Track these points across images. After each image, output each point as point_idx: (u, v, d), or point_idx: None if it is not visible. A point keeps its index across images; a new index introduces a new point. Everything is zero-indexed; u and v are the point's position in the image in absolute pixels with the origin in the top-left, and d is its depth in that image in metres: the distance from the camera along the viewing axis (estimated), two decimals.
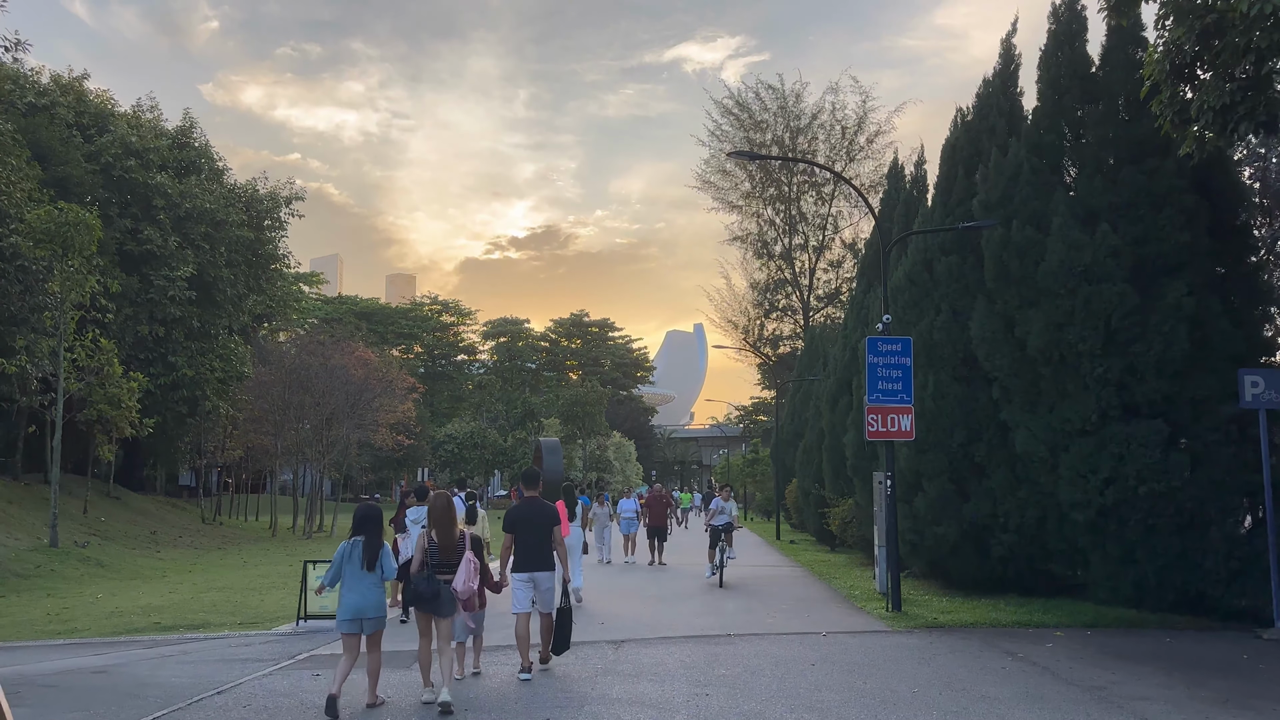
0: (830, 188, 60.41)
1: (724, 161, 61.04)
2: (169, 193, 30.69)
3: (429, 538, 8.27)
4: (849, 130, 59.76)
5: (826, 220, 60.73)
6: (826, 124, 60.11)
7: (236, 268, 33.59)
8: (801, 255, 61.30)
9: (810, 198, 61.24)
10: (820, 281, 61.43)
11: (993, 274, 14.79)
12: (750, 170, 61.06)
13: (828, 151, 60.61)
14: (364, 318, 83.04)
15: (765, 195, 61.32)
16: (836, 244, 61.05)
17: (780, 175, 60.80)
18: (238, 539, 30.59)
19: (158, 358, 31.53)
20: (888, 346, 14.03)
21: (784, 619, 13.15)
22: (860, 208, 60.96)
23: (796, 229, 61.28)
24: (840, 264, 61.27)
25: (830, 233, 60.80)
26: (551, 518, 9.36)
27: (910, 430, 13.90)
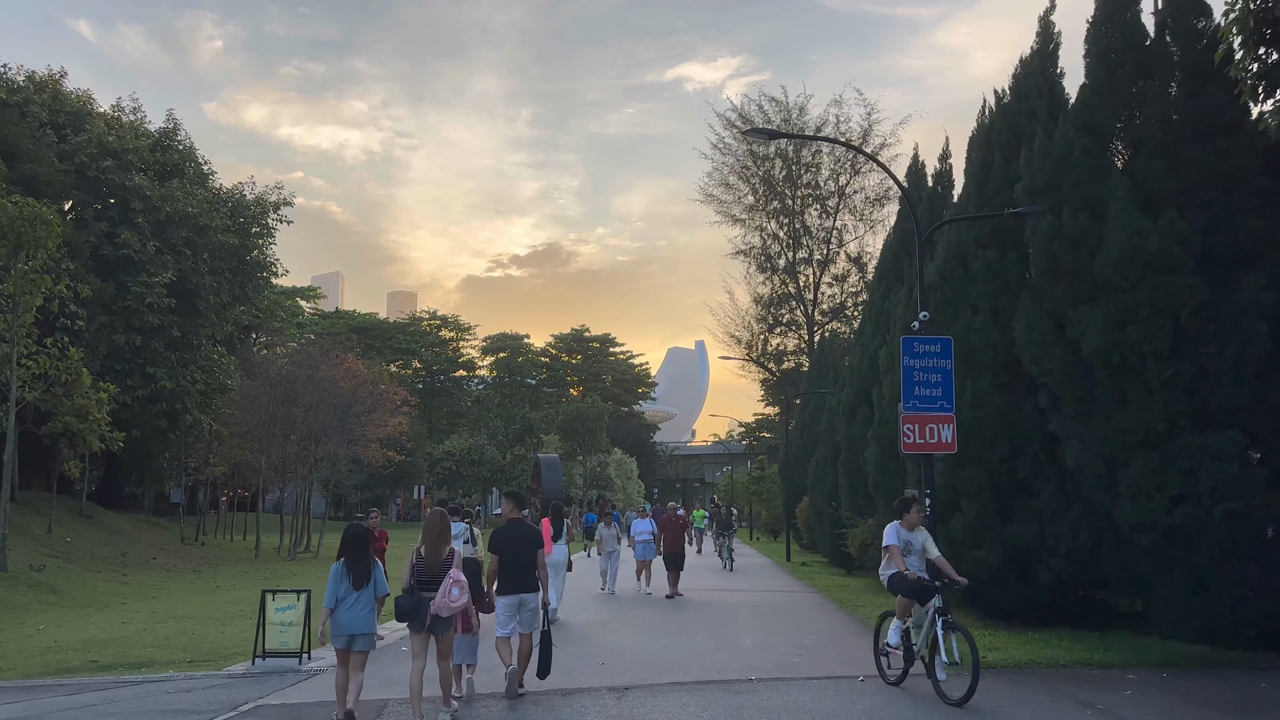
0: (835, 201, 59.21)
1: (727, 175, 59.88)
2: (148, 195, 29.20)
3: (417, 554, 8.42)
4: (854, 143, 58.61)
5: (831, 234, 59.44)
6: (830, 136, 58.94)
7: (220, 275, 32.05)
8: (805, 269, 60.04)
9: (814, 211, 59.98)
10: (825, 296, 60.02)
11: (1041, 267, 13.23)
12: (753, 183, 59.78)
13: (832, 164, 59.41)
14: (361, 332, 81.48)
15: (769, 208, 60.05)
16: (841, 258, 59.87)
17: (784, 188, 59.53)
18: (217, 560, 28.95)
19: (135, 369, 29.95)
20: (925, 347, 12.46)
21: (811, 658, 11.53)
22: (865, 220, 59.96)
23: (800, 242, 60.02)
24: (845, 278, 59.98)
25: (835, 246, 59.57)
26: (535, 539, 9.28)
27: (952, 442, 12.32)
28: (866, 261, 59.33)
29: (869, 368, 22.35)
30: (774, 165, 59.78)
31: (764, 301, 59.64)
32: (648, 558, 19.99)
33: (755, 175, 59.69)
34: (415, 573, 8.37)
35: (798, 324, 60.61)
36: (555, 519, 16.19)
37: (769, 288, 59.44)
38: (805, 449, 35.60)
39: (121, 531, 29.18)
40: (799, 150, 59.41)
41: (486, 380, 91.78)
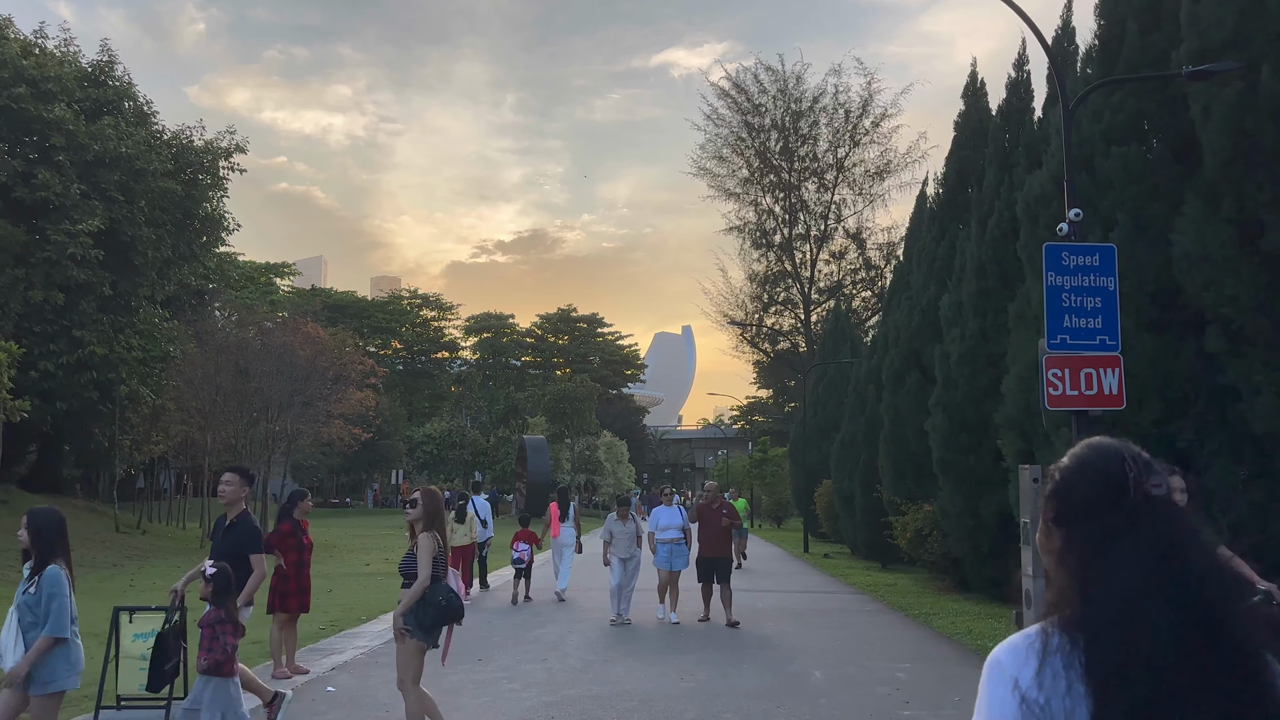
0: (833, 174, 55.80)
1: (720, 148, 56.29)
2: (71, 130, 25.19)
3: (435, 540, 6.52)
4: (853, 114, 55.07)
5: (829, 208, 56.14)
6: (829, 107, 55.47)
7: (161, 227, 28.02)
8: (802, 246, 56.74)
9: (812, 185, 56.65)
10: (821, 274, 56.83)
11: (1223, 154, 9.52)
12: (748, 156, 56.37)
13: (830, 136, 56.04)
14: (339, 310, 77.31)
15: (765, 182, 56.61)
16: (839, 234, 56.59)
17: (781, 161, 56.12)
18: (152, 552, 25.10)
19: (60, 331, 25.97)
20: (1078, 259, 8.73)
21: (925, 707, 7.84)
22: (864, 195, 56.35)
23: (797, 218, 56.74)
24: (843, 255, 56.73)
25: (833, 222, 56.30)
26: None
27: (1119, 393, 8.61)
28: (865, 238, 56.11)
29: (921, 325, 18.67)
30: (770, 137, 56.30)
31: (759, 279, 56.41)
32: (676, 568, 13.17)
33: (750, 148, 56.24)
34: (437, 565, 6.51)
35: (793, 302, 57.34)
36: (561, 501, 16.51)
37: (764, 265, 56.26)
38: (821, 428, 31.98)
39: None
40: (796, 122, 55.95)
41: (470, 362, 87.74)
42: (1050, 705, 1.43)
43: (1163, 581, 1.44)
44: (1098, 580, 1.47)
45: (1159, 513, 1.50)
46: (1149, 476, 1.53)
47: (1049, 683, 1.44)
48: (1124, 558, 1.46)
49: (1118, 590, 1.44)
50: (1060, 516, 1.56)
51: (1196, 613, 1.42)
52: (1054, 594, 1.53)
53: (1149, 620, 1.40)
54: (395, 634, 6.51)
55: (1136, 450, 1.57)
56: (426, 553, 6.42)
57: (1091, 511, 1.52)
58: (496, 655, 10.38)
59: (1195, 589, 1.43)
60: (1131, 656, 1.39)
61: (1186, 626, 1.41)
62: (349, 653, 10.58)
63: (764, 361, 65.56)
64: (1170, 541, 1.47)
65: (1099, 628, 1.43)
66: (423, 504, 6.59)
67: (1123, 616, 1.42)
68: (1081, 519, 1.53)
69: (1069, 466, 1.59)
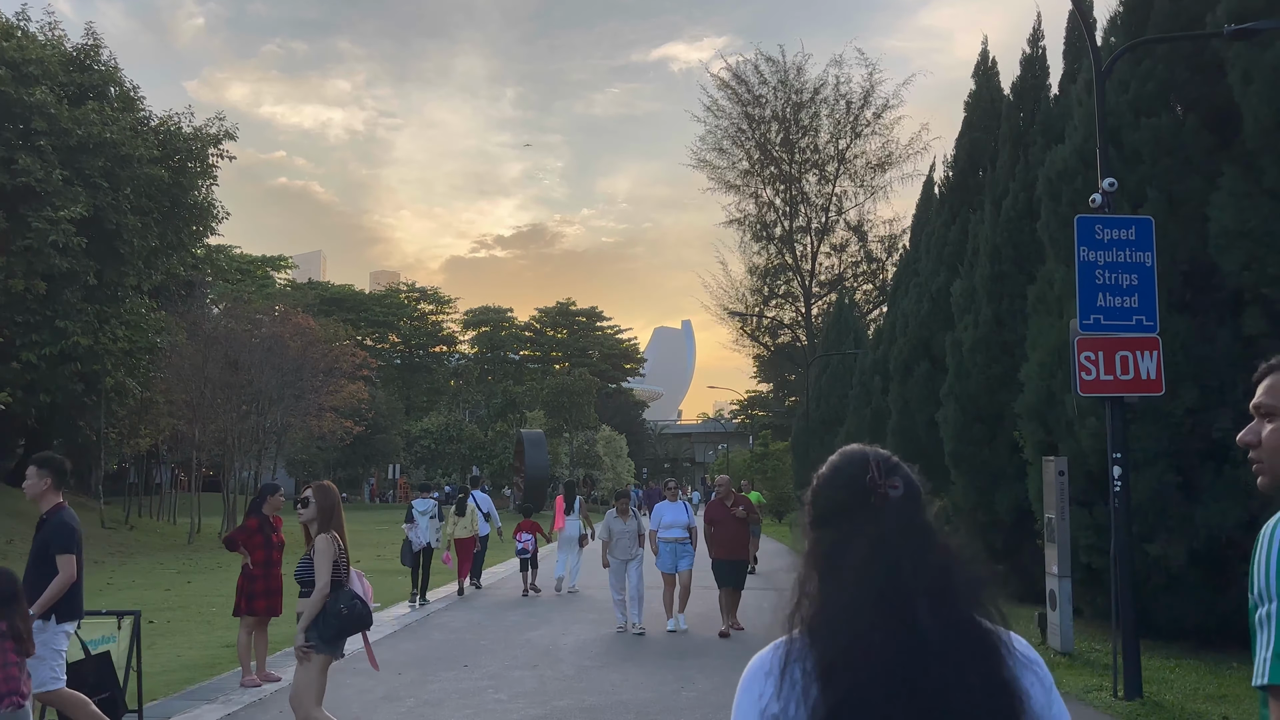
0: (834, 166, 55.16)
1: (720, 139, 55.64)
2: (53, 114, 24.47)
3: (337, 543, 5.89)
4: (854, 104, 54.42)
5: (830, 200, 55.53)
6: (830, 98, 54.84)
7: (148, 215, 27.30)
8: (803, 238, 56.14)
9: (812, 177, 56.04)
10: (822, 267, 56.25)
11: (1266, 123, 8.84)
12: (749, 148, 55.72)
13: (831, 128, 55.40)
14: (336, 304, 76.58)
15: (765, 174, 55.99)
16: (840, 226, 56.01)
17: (781, 153, 55.47)
18: (137, 549, 24.45)
19: (43, 321, 25.26)
20: (1112, 232, 8.04)
21: None
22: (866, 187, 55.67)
23: (798, 210, 56.13)
24: (844, 247, 56.14)
25: (834, 214, 55.71)
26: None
27: (1157, 378, 7.94)
28: (867, 230, 55.45)
29: (931, 312, 17.99)
30: (770, 129, 55.63)
31: (759, 272, 55.83)
32: (680, 569, 11.85)
33: (750, 140, 55.59)
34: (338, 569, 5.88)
35: (794, 296, 56.75)
36: (568, 495, 16.60)
37: (764, 258, 55.68)
38: (824, 420, 31.34)
39: (26, 514, 24.61)
40: (797, 113, 55.28)
41: (468, 356, 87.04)
42: (788, 711, 1.46)
43: (877, 579, 1.47)
44: (831, 579, 1.51)
45: (889, 511, 1.55)
46: (888, 478, 1.59)
47: (787, 690, 1.48)
48: (853, 556, 1.50)
49: (843, 588, 1.48)
50: (813, 521, 1.61)
51: (907, 608, 1.45)
52: (798, 593, 1.56)
53: (866, 615, 1.44)
54: (296, 652, 5.77)
55: (885, 455, 1.64)
56: (324, 557, 5.74)
57: (838, 515, 1.57)
58: (484, 661, 9.71)
59: (911, 582, 1.46)
60: (848, 650, 1.43)
61: (899, 618, 1.44)
62: None
63: (764, 355, 64.98)
64: (892, 538, 1.50)
65: (825, 626, 1.47)
66: (315, 502, 5.92)
67: (844, 612, 1.47)
68: (829, 523, 1.58)
69: (824, 474, 1.65)
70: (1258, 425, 1.82)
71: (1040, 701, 1.49)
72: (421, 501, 14.79)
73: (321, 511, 5.86)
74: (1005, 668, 1.46)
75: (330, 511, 5.87)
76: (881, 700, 1.39)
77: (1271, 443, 1.78)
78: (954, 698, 1.40)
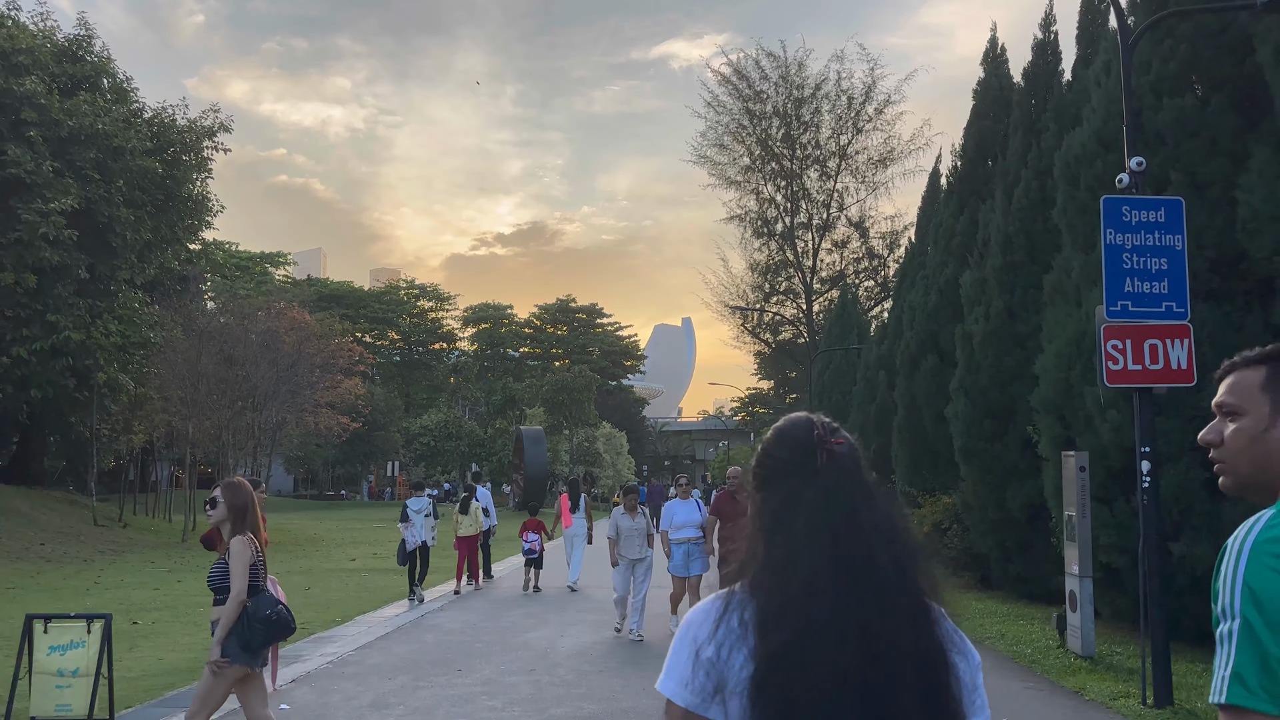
0: (835, 162, 54.74)
1: (721, 135, 55.17)
2: (43, 105, 24.02)
3: (253, 545, 5.39)
4: (856, 100, 53.92)
5: (831, 196, 55.13)
6: (831, 94, 54.35)
7: (141, 208, 26.85)
8: (804, 235, 55.76)
9: (814, 173, 55.58)
10: (824, 264, 55.81)
11: None
12: (750, 144, 55.30)
13: (833, 123, 54.96)
14: (335, 300, 76.14)
15: (766, 170, 55.50)
16: (841, 222, 55.62)
17: (782, 149, 55.05)
18: (130, 546, 24.01)
19: (34, 316, 24.83)
20: (1141, 213, 7.62)
21: None
22: (867, 183, 55.23)
23: (799, 206, 55.75)
24: (846, 244, 55.74)
25: (835, 210, 55.32)
26: None
27: (1189, 368, 7.52)
28: (869, 226, 55.01)
29: (939, 305, 17.58)
30: (771, 124, 55.19)
31: (760, 268, 55.45)
32: (693, 572, 10.90)
33: (751, 135, 55.16)
34: (255, 573, 5.42)
35: (795, 292, 56.35)
36: (573, 492, 16.85)
37: (765, 254, 55.30)
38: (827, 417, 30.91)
39: (16, 512, 24.22)
40: (798, 108, 54.87)
41: (467, 353, 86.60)
42: (720, 656, 1.48)
43: (825, 529, 1.50)
44: (776, 534, 1.53)
45: (835, 467, 1.55)
46: (832, 435, 1.59)
47: (722, 636, 1.49)
48: (798, 511, 1.52)
49: (788, 541, 1.51)
50: (760, 483, 1.63)
51: (854, 558, 1.48)
52: (745, 554, 1.57)
53: (809, 566, 1.46)
54: (210, 666, 5.25)
55: (827, 419, 1.66)
56: (240, 560, 5.25)
57: (784, 474, 1.59)
58: (478, 665, 9.30)
59: (855, 535, 1.48)
60: (787, 600, 1.45)
61: (842, 570, 1.47)
62: (314, 661, 9.49)
63: (765, 352, 64.59)
64: (838, 492, 1.52)
65: (767, 577, 1.50)
66: (224, 502, 5.38)
67: (786, 563, 1.49)
68: (776, 483, 1.59)
69: (769, 438, 1.67)
70: (1220, 424, 1.78)
71: (967, 678, 1.50)
72: (416, 500, 14.83)
73: (233, 511, 5.35)
74: (940, 633, 1.48)
75: (243, 511, 5.37)
76: (830, 644, 1.40)
77: (1234, 443, 1.74)
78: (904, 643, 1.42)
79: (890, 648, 1.41)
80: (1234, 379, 1.77)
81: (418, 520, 14.41)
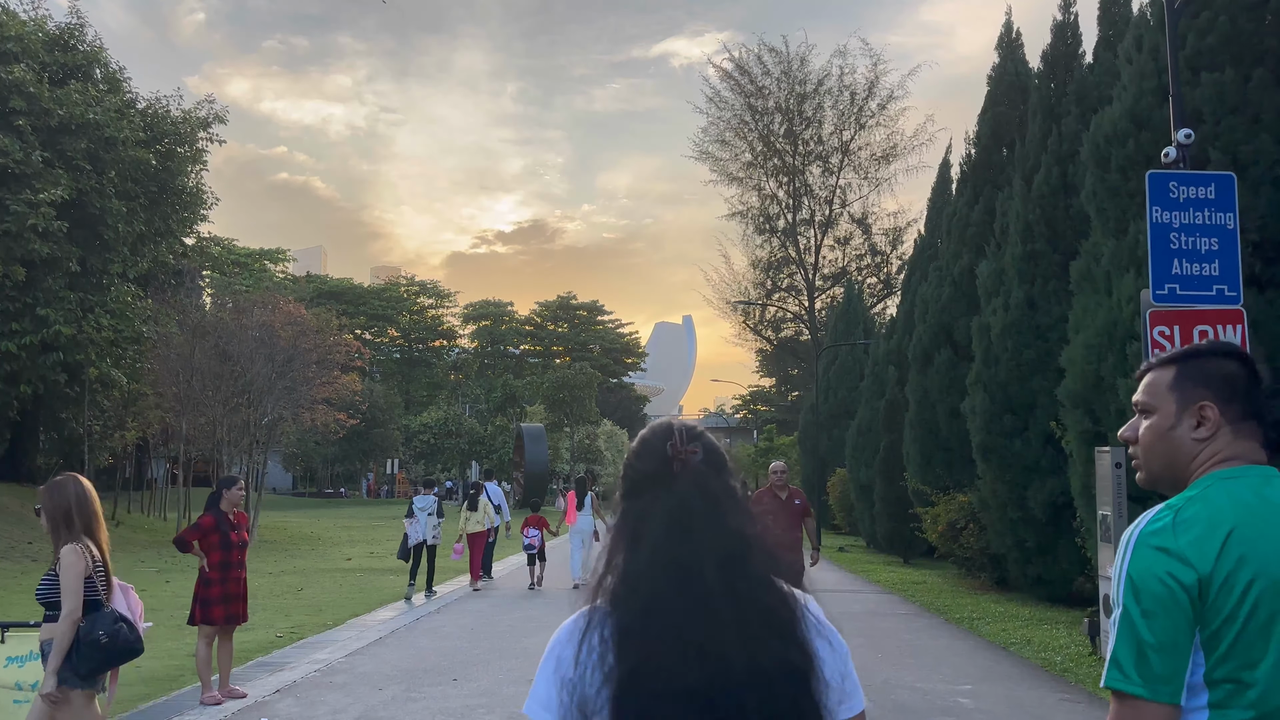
0: (838, 158, 54.24)
1: (723, 131, 54.68)
2: (32, 93, 23.47)
3: (89, 553, 4.55)
4: (858, 96, 53.42)
5: (834, 193, 54.65)
6: (834, 90, 53.86)
7: (133, 200, 26.30)
8: (806, 231, 55.27)
9: (816, 169, 55.09)
10: (826, 261, 55.34)
11: None
12: (752, 140, 54.79)
13: (835, 119, 54.46)
14: (335, 297, 75.60)
15: (768, 166, 54.99)
16: (844, 219, 55.13)
17: (785, 145, 54.53)
18: (121, 545, 23.40)
19: (23, 309, 24.28)
20: (1189, 189, 7.06)
21: None
22: (870, 179, 54.65)
23: (801, 203, 55.25)
24: (848, 241, 55.25)
25: (838, 207, 54.84)
26: None
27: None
28: (871, 223, 54.47)
29: (953, 296, 17.03)
30: (773, 120, 54.66)
31: (762, 265, 54.97)
32: None
33: (753, 131, 54.64)
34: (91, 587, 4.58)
35: (797, 289, 55.85)
36: (579, 490, 16.82)
37: (767, 251, 54.81)
38: (832, 414, 30.37)
39: (5, 509, 23.64)
40: (800, 104, 54.34)
41: (467, 350, 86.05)
42: (581, 676, 1.45)
43: (667, 546, 1.48)
44: (633, 547, 1.52)
45: (687, 478, 1.54)
46: (688, 445, 1.58)
47: (584, 655, 1.47)
48: (653, 523, 1.51)
49: (642, 554, 1.50)
50: (623, 493, 1.63)
51: (693, 575, 1.46)
52: (605, 565, 1.56)
53: (660, 579, 1.46)
54: (45, 698, 4.46)
55: (690, 425, 1.62)
56: (71, 573, 4.44)
57: (643, 484, 1.58)
58: (476, 674, 8.75)
59: (695, 551, 1.47)
60: (643, 616, 1.44)
61: (683, 588, 1.45)
62: (301, 668, 8.95)
63: (766, 350, 64.12)
64: (686, 505, 1.50)
65: (624, 593, 1.49)
66: (44, 507, 4.59)
67: (641, 578, 1.48)
68: (636, 493, 1.59)
69: (634, 448, 1.66)
70: (1136, 422, 1.87)
71: (833, 668, 1.48)
72: (422, 498, 14.92)
73: (54, 517, 4.52)
74: (799, 630, 1.47)
75: (67, 515, 4.52)
76: (673, 665, 1.39)
77: (1146, 439, 1.83)
78: (743, 661, 1.41)
79: (733, 666, 1.39)
80: (1148, 379, 1.86)
81: (422, 517, 14.54)
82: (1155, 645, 1.55)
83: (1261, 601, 1.56)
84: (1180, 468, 1.76)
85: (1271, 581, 1.57)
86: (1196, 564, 1.57)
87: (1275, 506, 1.65)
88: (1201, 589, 1.57)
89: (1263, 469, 1.73)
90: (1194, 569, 1.57)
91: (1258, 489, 1.67)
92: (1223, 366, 1.80)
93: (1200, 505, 1.64)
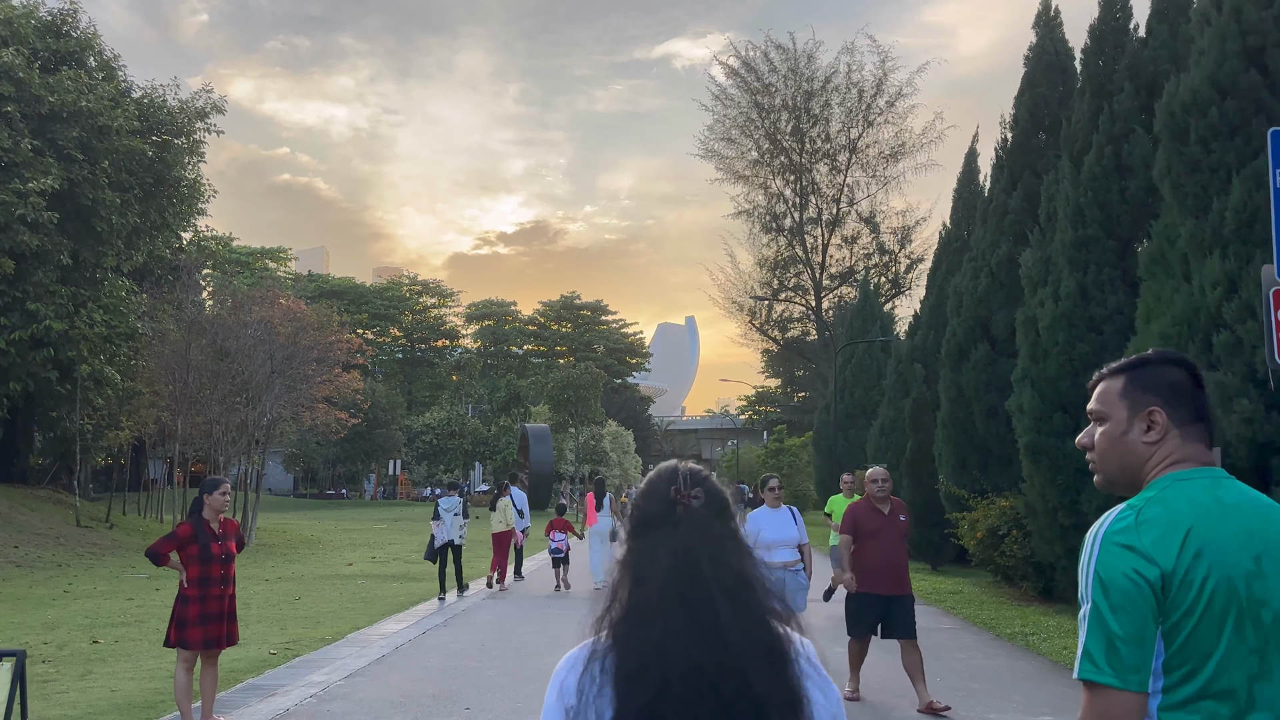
0: (845, 156, 53.45)
1: (729, 129, 53.91)
2: (22, 79, 22.58)
3: None
4: (866, 93, 52.66)
5: (841, 191, 53.80)
6: (841, 87, 53.14)
7: (128, 191, 25.40)
8: (814, 230, 54.43)
9: (823, 167, 54.30)
10: (833, 259, 54.53)
11: None
12: (758, 138, 53.95)
13: (843, 117, 53.67)
14: (337, 296, 74.76)
15: (775, 164, 54.22)
16: (852, 218, 54.31)
17: (791, 143, 53.67)
18: (113, 549, 22.53)
19: (12, 304, 23.38)
20: None
21: None
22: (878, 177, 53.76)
23: (808, 201, 54.40)
24: (855, 239, 54.42)
25: (845, 205, 54.01)
26: None
27: None
28: (879, 221, 53.59)
29: (990, 289, 16.10)
30: (780, 118, 53.82)
31: (769, 265, 54.13)
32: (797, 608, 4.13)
33: (760, 129, 53.82)
34: None
35: (804, 288, 54.99)
36: (598, 492, 17.04)
37: (774, 250, 54.01)
38: (848, 414, 29.45)
39: None
40: (807, 102, 53.50)
41: (470, 350, 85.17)
42: (587, 710, 1.49)
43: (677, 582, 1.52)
44: (637, 586, 1.55)
45: (688, 521, 1.59)
46: (691, 489, 1.62)
47: (588, 687, 1.50)
48: (656, 563, 1.55)
49: (646, 593, 1.52)
50: (630, 533, 1.66)
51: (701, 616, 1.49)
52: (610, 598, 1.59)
53: (664, 619, 1.48)
54: None
55: (695, 469, 1.67)
56: None
57: (649, 525, 1.62)
58: (490, 700, 7.81)
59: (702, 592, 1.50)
60: (647, 653, 1.47)
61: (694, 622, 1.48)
62: (294, 694, 8.01)
63: (772, 350, 63.24)
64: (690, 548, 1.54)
65: (627, 630, 1.51)
66: None
67: (645, 618, 1.50)
68: (642, 533, 1.62)
69: (642, 489, 1.70)
70: (1092, 429, 1.94)
71: (823, 708, 1.53)
72: (447, 500, 15.22)
73: None
74: (793, 671, 1.51)
75: None
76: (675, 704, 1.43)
77: (1100, 445, 1.90)
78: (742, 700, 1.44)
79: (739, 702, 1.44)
80: (1101, 388, 1.98)
81: (448, 519, 14.86)
82: (1124, 637, 1.64)
83: (1216, 595, 1.66)
84: (1134, 470, 1.87)
85: (1225, 577, 1.67)
86: (1160, 561, 1.68)
87: (1227, 507, 1.75)
88: (1164, 584, 1.67)
89: (1212, 470, 1.82)
90: (1157, 565, 1.68)
91: (1210, 490, 1.77)
92: (1169, 373, 1.89)
93: (1160, 506, 1.74)
